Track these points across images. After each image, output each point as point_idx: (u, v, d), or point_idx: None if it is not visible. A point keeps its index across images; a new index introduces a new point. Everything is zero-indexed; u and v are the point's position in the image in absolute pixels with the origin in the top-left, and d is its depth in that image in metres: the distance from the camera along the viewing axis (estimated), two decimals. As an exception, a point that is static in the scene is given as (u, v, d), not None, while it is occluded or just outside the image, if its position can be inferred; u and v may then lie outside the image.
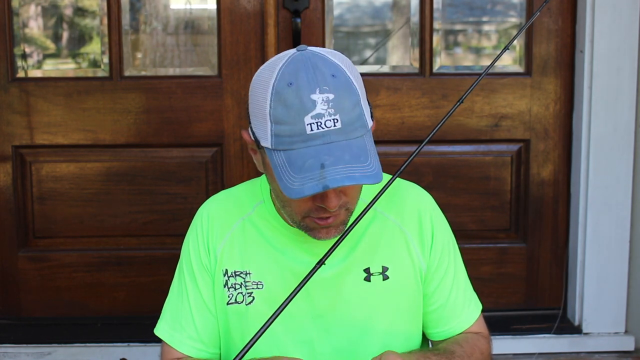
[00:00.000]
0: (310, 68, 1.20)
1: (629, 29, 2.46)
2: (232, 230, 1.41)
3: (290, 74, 1.20)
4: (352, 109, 1.20)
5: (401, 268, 1.40)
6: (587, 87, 2.48)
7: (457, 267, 1.47)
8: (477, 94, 2.53)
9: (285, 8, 2.45)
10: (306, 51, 1.24)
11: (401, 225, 1.41)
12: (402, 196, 1.44)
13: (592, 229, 2.53)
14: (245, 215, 1.41)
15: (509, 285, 2.64)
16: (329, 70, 1.20)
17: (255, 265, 1.38)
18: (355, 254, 1.38)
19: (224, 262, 1.40)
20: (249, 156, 2.52)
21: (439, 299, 1.44)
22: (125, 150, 2.53)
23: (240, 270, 1.39)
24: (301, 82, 1.19)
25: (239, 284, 1.38)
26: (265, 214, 1.40)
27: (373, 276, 1.38)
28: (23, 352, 2.46)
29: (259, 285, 1.37)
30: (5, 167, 2.52)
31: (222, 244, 1.40)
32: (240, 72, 2.50)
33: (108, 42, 2.50)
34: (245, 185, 1.48)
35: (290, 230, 1.37)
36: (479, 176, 2.59)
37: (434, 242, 1.42)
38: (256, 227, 1.40)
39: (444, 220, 1.47)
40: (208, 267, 1.41)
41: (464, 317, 1.45)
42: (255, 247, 1.39)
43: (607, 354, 2.54)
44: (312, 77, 1.19)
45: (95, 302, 2.58)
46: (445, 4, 2.56)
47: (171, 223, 2.55)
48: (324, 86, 1.18)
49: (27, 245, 2.57)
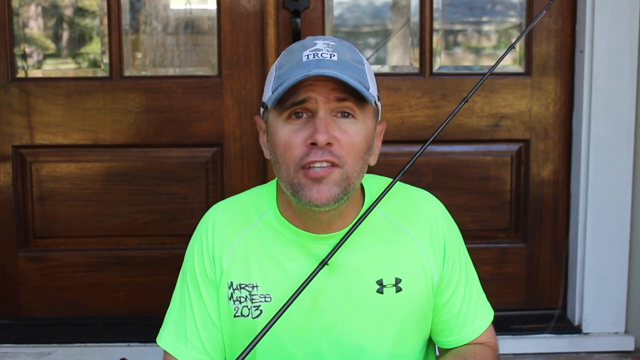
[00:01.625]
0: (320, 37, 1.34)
1: (629, 29, 2.46)
2: (238, 240, 1.39)
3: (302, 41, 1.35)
4: (353, 60, 1.29)
5: (414, 280, 1.38)
6: (587, 87, 2.48)
7: (469, 276, 1.46)
8: (477, 94, 2.53)
9: (285, 8, 2.45)
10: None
11: (414, 236, 1.40)
12: (414, 206, 1.43)
13: (592, 229, 2.53)
14: (252, 225, 1.40)
15: (509, 285, 2.64)
16: (337, 39, 1.34)
17: (263, 278, 1.36)
18: (367, 263, 1.36)
19: (229, 274, 1.37)
20: (249, 156, 2.53)
21: (451, 310, 1.42)
22: (125, 150, 2.53)
23: (245, 283, 1.36)
24: (309, 38, 1.33)
25: (244, 297, 1.36)
26: (272, 220, 1.39)
27: (386, 288, 1.36)
28: (23, 352, 2.46)
29: (267, 298, 1.35)
30: (5, 167, 2.52)
31: (228, 255, 1.38)
32: (240, 72, 2.50)
33: (108, 42, 2.50)
34: (251, 192, 1.47)
35: (296, 234, 1.36)
36: (479, 176, 2.59)
37: (447, 253, 1.41)
38: (262, 236, 1.38)
39: (455, 228, 1.46)
40: (213, 278, 1.39)
41: (475, 326, 1.44)
42: (262, 258, 1.37)
43: (607, 354, 2.54)
44: (319, 37, 1.33)
45: (95, 302, 2.58)
46: (445, 4, 2.56)
47: (171, 223, 2.55)
48: (329, 40, 1.31)
49: (27, 245, 2.57)
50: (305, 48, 1.29)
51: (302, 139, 1.25)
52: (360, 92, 1.24)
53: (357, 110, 1.27)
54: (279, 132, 1.28)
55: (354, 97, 1.26)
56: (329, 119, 1.25)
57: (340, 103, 1.26)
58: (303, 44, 1.32)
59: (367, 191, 1.41)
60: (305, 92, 1.25)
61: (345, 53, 1.29)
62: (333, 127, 1.25)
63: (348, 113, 1.27)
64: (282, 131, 1.27)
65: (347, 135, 1.26)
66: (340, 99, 1.25)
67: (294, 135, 1.26)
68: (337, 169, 1.26)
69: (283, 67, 1.29)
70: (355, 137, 1.27)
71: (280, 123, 1.28)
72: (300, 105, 1.26)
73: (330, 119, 1.26)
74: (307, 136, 1.25)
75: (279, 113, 1.29)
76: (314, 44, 1.30)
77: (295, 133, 1.26)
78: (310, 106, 1.26)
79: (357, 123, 1.28)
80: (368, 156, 1.32)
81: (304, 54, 1.27)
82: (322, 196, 1.25)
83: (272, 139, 1.30)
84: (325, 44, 1.29)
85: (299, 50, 1.30)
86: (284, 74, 1.28)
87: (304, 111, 1.27)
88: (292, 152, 1.26)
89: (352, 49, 1.33)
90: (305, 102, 1.25)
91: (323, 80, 1.25)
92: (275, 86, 1.28)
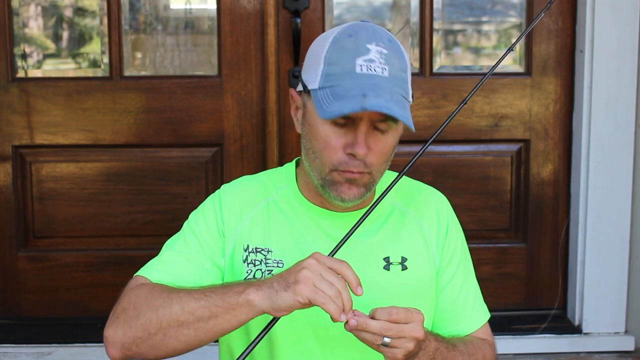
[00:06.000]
0: (370, 29, 1.32)
1: (629, 29, 2.46)
2: (256, 208, 1.43)
3: (351, 29, 1.31)
4: (400, 71, 1.30)
5: (419, 261, 1.43)
6: (587, 87, 2.48)
7: (468, 273, 1.50)
8: (477, 94, 2.53)
9: (285, 8, 2.45)
10: (367, 22, 1.36)
11: (420, 221, 1.46)
12: (423, 196, 1.51)
13: (592, 229, 2.53)
14: (270, 197, 1.44)
15: (509, 285, 2.64)
16: (387, 35, 1.32)
17: (277, 244, 1.40)
18: (375, 242, 1.41)
19: (245, 238, 1.41)
20: (249, 156, 2.53)
21: (448, 297, 1.46)
22: (125, 150, 2.53)
23: (262, 247, 1.40)
24: (360, 35, 1.29)
25: (259, 260, 1.40)
26: (290, 195, 1.43)
27: (392, 265, 1.41)
28: (23, 352, 2.46)
29: (280, 264, 1.39)
30: (5, 167, 2.52)
31: (246, 220, 1.41)
32: (240, 72, 2.50)
33: (108, 42, 2.50)
34: (268, 172, 1.52)
35: (313, 211, 1.41)
36: (479, 176, 2.59)
37: (447, 240, 1.47)
38: (280, 209, 1.43)
39: (459, 226, 1.52)
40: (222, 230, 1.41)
41: (472, 320, 1.47)
42: (278, 226, 1.41)
43: (607, 354, 2.54)
44: (371, 34, 1.30)
45: (95, 302, 2.57)
46: (445, 4, 2.56)
47: (171, 223, 2.54)
48: (381, 42, 1.29)
49: (27, 245, 2.57)
50: (359, 54, 1.27)
51: (342, 145, 1.29)
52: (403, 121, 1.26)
53: (394, 123, 1.31)
54: (319, 128, 1.31)
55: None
56: (369, 131, 1.29)
57: (381, 123, 1.30)
58: (356, 46, 1.28)
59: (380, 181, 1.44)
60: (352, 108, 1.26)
61: (394, 63, 1.29)
62: (371, 140, 1.29)
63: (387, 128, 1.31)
64: (323, 129, 1.30)
65: (381, 145, 1.31)
66: (383, 120, 1.29)
67: (334, 137, 1.30)
68: (367, 175, 1.32)
69: (333, 65, 1.28)
70: (389, 147, 1.33)
71: (321, 120, 1.30)
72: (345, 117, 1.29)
73: (369, 131, 1.30)
74: (347, 144, 1.29)
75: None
76: (367, 49, 1.27)
77: (336, 136, 1.30)
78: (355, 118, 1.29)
79: (392, 133, 1.33)
80: (392, 156, 1.38)
81: (358, 64, 1.26)
82: (351, 193, 1.33)
83: (311, 128, 1.33)
84: (378, 51, 1.28)
85: (351, 53, 1.28)
86: (334, 76, 1.27)
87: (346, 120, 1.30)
88: (331, 154, 1.30)
89: (400, 54, 1.32)
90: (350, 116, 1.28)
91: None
92: (324, 84, 1.28)
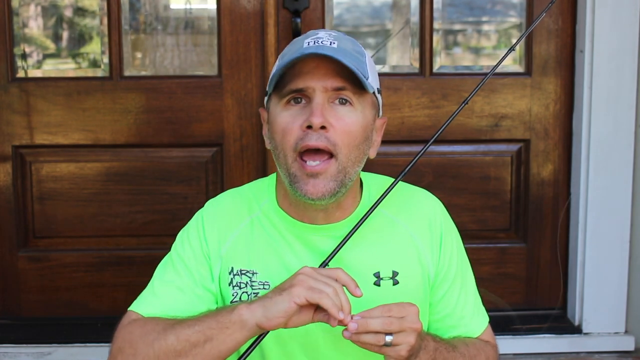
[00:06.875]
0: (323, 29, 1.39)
1: (629, 29, 2.46)
2: (240, 227, 1.40)
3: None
4: (354, 51, 1.31)
5: (411, 274, 1.39)
6: (587, 87, 2.48)
7: (466, 278, 1.46)
8: (477, 94, 2.51)
9: (285, 8, 2.45)
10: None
11: (411, 231, 1.41)
12: (413, 202, 1.44)
13: (592, 229, 2.53)
14: (253, 214, 1.41)
15: (509, 285, 2.64)
16: (342, 32, 1.37)
17: (262, 265, 1.38)
18: (364, 256, 1.37)
19: (231, 261, 1.39)
20: (249, 156, 2.53)
21: (446, 308, 1.43)
22: (125, 150, 2.53)
23: (246, 269, 1.38)
24: (310, 31, 1.37)
25: (244, 282, 1.38)
26: (270, 211, 1.40)
27: (383, 281, 1.37)
28: (23, 352, 2.46)
29: (266, 285, 1.37)
30: (5, 167, 2.52)
31: (229, 242, 1.39)
32: (240, 72, 2.50)
33: (108, 42, 2.50)
34: (253, 184, 1.49)
35: (295, 226, 1.38)
36: (479, 176, 2.59)
37: (443, 249, 1.42)
38: (263, 226, 1.40)
39: (454, 228, 1.47)
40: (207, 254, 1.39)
41: (472, 327, 1.44)
42: (262, 246, 1.39)
43: (607, 354, 2.54)
44: (322, 29, 1.38)
45: (95, 302, 2.57)
46: (445, 4, 2.56)
47: (171, 223, 2.55)
48: (331, 32, 1.34)
49: (27, 245, 2.57)
50: (308, 37, 1.33)
51: (299, 124, 1.28)
52: (358, 77, 1.27)
53: (355, 99, 1.30)
54: (277, 119, 1.31)
55: (352, 86, 1.29)
56: (326, 105, 1.28)
57: (337, 92, 1.29)
58: (306, 34, 1.36)
59: (366, 186, 1.42)
60: (304, 80, 1.28)
61: (347, 44, 1.32)
62: (329, 113, 1.28)
63: (345, 100, 1.30)
64: (281, 117, 1.31)
65: (342, 122, 1.28)
66: (338, 88, 1.28)
67: (291, 120, 1.29)
68: (333, 162, 1.28)
69: (285, 55, 1.34)
70: (351, 124, 1.29)
71: (279, 109, 1.31)
72: (299, 93, 1.29)
73: (327, 105, 1.28)
74: (304, 120, 1.27)
75: (278, 100, 1.32)
76: (315, 33, 1.33)
77: (292, 118, 1.29)
78: (308, 93, 1.29)
79: (354, 111, 1.30)
80: (366, 147, 1.33)
81: (305, 41, 1.31)
82: (317, 190, 1.28)
83: (272, 126, 1.33)
84: (327, 33, 1.33)
85: (301, 39, 1.34)
86: (284, 61, 1.31)
87: (303, 97, 1.30)
88: (289, 137, 1.29)
89: (354, 41, 1.37)
90: (304, 90, 1.29)
91: (321, 68, 1.27)
92: (276, 69, 1.33)
